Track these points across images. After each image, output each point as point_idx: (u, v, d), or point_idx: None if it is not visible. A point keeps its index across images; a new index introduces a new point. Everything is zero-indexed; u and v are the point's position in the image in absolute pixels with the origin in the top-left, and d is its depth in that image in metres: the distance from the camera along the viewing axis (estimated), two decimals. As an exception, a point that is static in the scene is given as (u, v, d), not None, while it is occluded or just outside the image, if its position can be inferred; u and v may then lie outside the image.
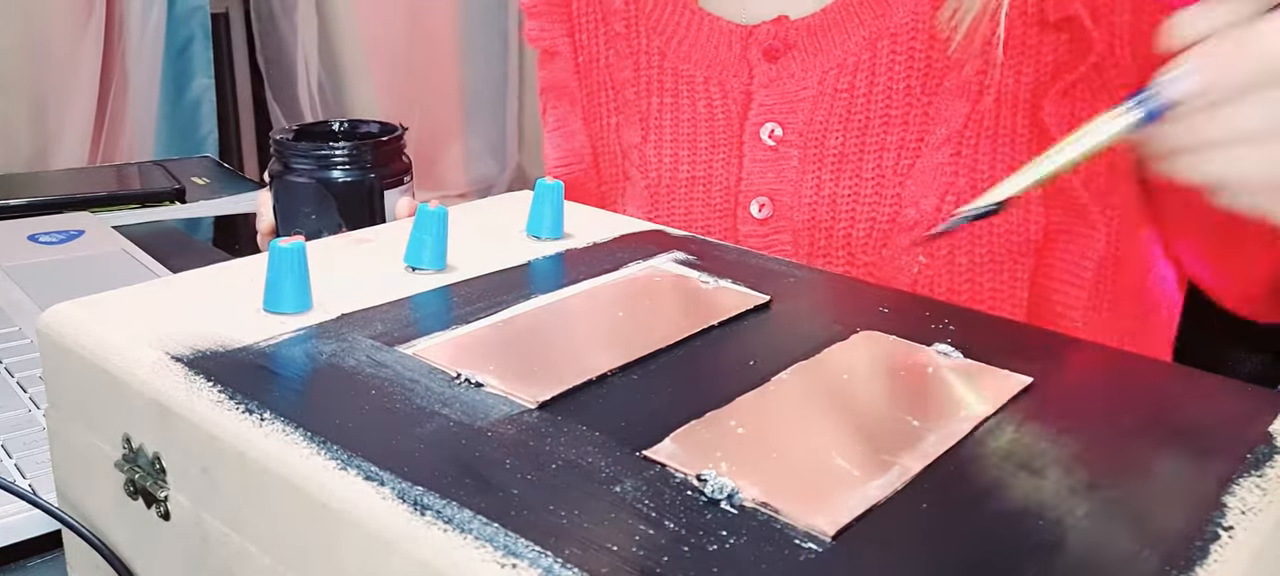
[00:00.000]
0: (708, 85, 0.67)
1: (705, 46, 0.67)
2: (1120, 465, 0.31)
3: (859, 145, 0.63)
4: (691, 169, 0.68)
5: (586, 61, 0.74)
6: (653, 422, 0.33)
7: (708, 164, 0.68)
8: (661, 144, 0.69)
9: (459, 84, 2.55)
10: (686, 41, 0.68)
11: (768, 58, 0.65)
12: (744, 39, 0.66)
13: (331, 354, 0.37)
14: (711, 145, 0.67)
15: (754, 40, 0.65)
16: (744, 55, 0.66)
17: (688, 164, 0.69)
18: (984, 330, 0.41)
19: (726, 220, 0.67)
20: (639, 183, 0.71)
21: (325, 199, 0.65)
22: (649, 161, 0.70)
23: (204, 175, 1.24)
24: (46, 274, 0.88)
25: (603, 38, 0.73)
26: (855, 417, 0.34)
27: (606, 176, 0.74)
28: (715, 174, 0.67)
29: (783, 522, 0.28)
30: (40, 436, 0.59)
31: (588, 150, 0.74)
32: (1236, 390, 0.37)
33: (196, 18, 1.99)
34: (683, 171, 0.69)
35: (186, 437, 0.35)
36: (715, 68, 0.67)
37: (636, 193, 0.71)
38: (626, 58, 0.71)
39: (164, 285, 0.45)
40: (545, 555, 0.26)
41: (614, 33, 0.72)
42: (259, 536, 0.33)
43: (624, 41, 0.71)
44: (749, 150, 0.65)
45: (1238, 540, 0.28)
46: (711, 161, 0.68)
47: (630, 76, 0.71)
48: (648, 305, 0.43)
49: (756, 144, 0.65)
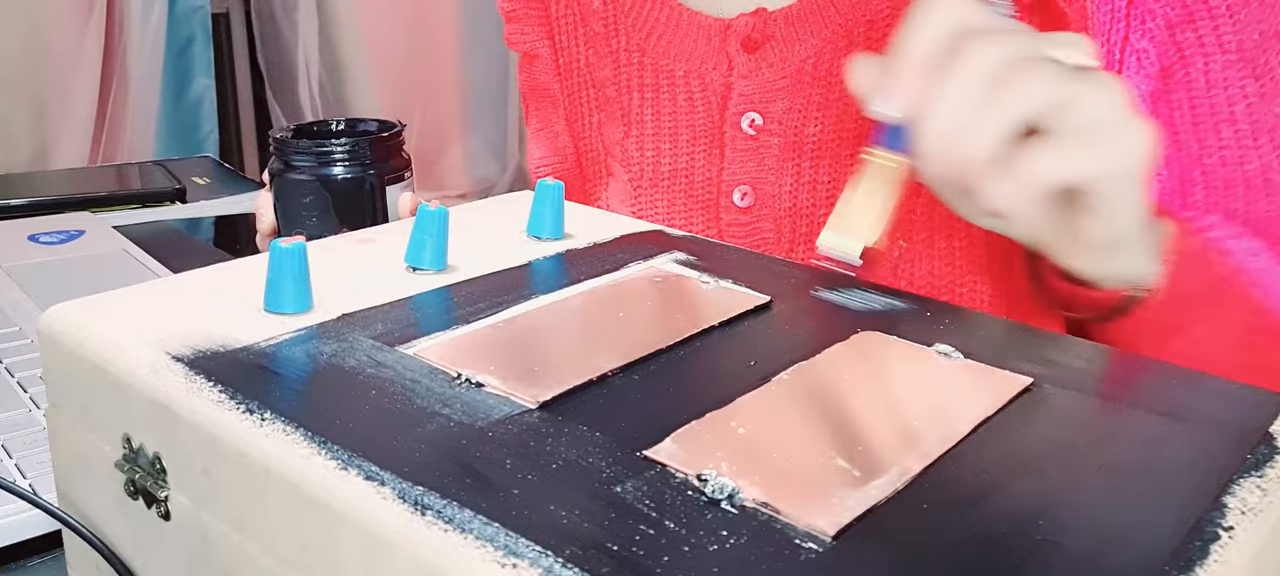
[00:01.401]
0: (688, 78, 0.68)
1: (684, 41, 0.68)
2: (1120, 465, 0.31)
3: (837, 132, 0.63)
4: (674, 161, 0.69)
5: (567, 62, 0.74)
6: (653, 423, 0.33)
7: (690, 155, 0.68)
8: (644, 138, 0.70)
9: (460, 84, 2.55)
10: (666, 37, 0.68)
11: (746, 49, 0.65)
12: (722, 32, 0.66)
13: (332, 354, 0.37)
14: (692, 137, 0.68)
15: (732, 32, 0.66)
16: (723, 48, 0.66)
17: (670, 156, 0.69)
18: (984, 330, 0.41)
19: (709, 210, 0.67)
20: (622, 177, 0.71)
21: (325, 196, 0.65)
22: (631, 156, 0.70)
23: (204, 175, 1.24)
24: (47, 274, 0.88)
25: (582, 38, 0.73)
26: (855, 418, 0.34)
27: (589, 173, 0.74)
28: (697, 165, 0.68)
29: (783, 522, 0.28)
30: (40, 436, 0.59)
31: (570, 149, 0.75)
32: (1236, 390, 0.37)
33: (197, 17, 1.99)
34: (665, 164, 0.69)
35: (187, 438, 0.35)
36: (695, 61, 0.67)
37: (619, 187, 0.72)
38: (606, 56, 0.71)
39: (164, 285, 0.45)
40: (545, 555, 0.26)
41: (593, 32, 0.72)
42: (259, 536, 0.33)
43: (603, 40, 0.72)
44: (730, 140, 0.66)
45: (1238, 540, 0.28)
46: (693, 153, 0.68)
47: (610, 74, 0.71)
48: (648, 305, 0.43)
49: (737, 134, 0.66)
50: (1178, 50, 0.58)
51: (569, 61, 0.74)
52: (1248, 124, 0.58)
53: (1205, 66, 0.57)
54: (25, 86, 1.82)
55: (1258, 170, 0.58)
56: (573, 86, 0.74)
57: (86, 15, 1.85)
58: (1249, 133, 0.58)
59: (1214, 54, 0.57)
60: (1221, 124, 0.58)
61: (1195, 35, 0.57)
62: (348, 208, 0.65)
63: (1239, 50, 0.57)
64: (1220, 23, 0.57)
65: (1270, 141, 0.58)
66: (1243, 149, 0.58)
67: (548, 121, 0.76)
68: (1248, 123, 0.58)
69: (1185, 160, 0.59)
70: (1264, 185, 0.58)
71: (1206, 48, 0.57)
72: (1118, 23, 0.58)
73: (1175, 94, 0.58)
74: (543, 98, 0.76)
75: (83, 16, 1.85)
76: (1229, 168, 0.58)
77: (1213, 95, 0.58)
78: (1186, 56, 0.58)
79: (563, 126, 0.75)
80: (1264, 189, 0.58)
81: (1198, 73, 0.58)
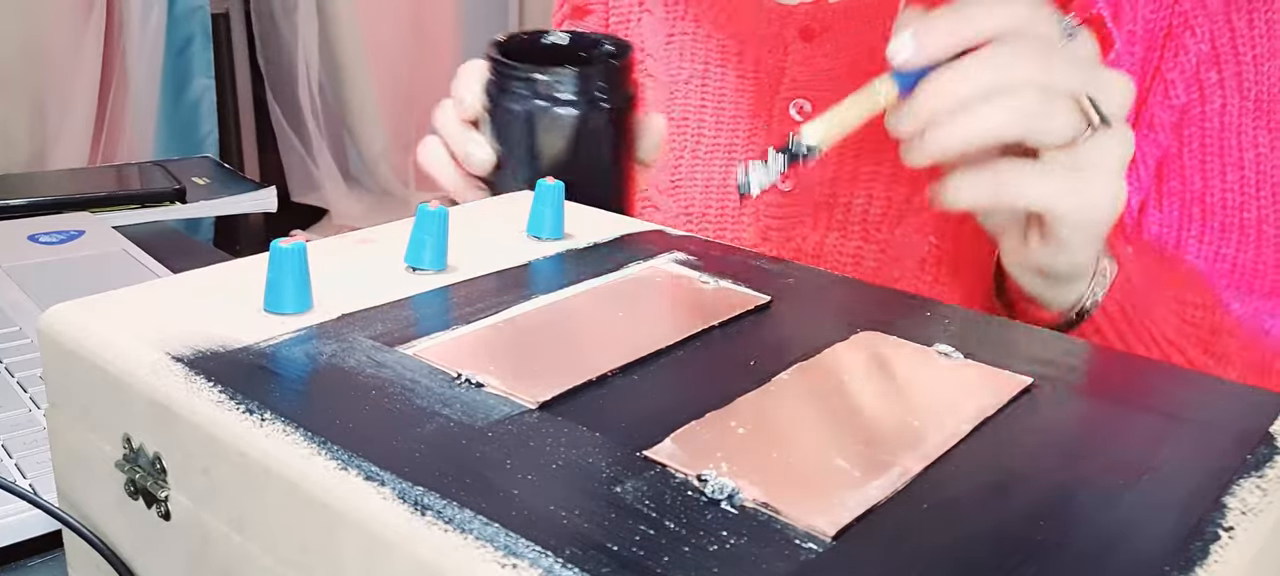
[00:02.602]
0: (742, 57, 0.68)
1: (743, 20, 0.68)
2: (1120, 465, 0.31)
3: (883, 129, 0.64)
4: (716, 136, 0.69)
5: (618, 22, 0.74)
6: (653, 423, 0.33)
7: (733, 132, 0.68)
8: (688, 110, 0.70)
9: (459, 84, 2.55)
10: (724, 11, 0.68)
11: (803, 37, 0.66)
12: (782, 16, 0.66)
13: (332, 354, 0.37)
14: (737, 115, 0.68)
15: (792, 19, 0.66)
16: (780, 32, 0.66)
17: (713, 131, 0.69)
18: (984, 330, 0.41)
19: None
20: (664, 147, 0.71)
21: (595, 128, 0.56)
22: (675, 126, 0.70)
23: (204, 175, 1.24)
24: (46, 274, 0.88)
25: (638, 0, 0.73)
26: (855, 418, 0.34)
27: None
28: (739, 144, 0.68)
29: (783, 523, 0.28)
30: (40, 436, 0.59)
31: None
32: (1236, 390, 0.37)
33: (196, 18, 1.99)
34: (707, 138, 0.69)
35: (187, 438, 0.35)
36: (750, 41, 0.67)
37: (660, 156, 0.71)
38: (661, 22, 0.71)
39: (164, 285, 0.45)
40: (545, 555, 0.26)
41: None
42: (260, 536, 0.33)
43: (660, 5, 0.71)
44: (776, 123, 0.66)
45: (1238, 540, 0.28)
46: (736, 131, 0.68)
47: (662, 40, 0.71)
48: (648, 305, 0.43)
49: (784, 118, 0.66)
50: (1199, 87, 0.58)
51: (620, 21, 0.74)
52: (1253, 172, 0.58)
53: (1222, 107, 0.58)
54: (25, 86, 1.82)
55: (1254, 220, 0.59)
56: None
57: (86, 15, 1.85)
58: (1253, 182, 0.59)
59: (1233, 97, 0.58)
60: (1228, 167, 0.59)
61: (1218, 76, 0.58)
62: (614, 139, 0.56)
63: (1257, 100, 0.58)
64: (1244, 68, 0.58)
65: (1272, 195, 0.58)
66: (1244, 195, 0.59)
67: None
68: (1254, 171, 0.58)
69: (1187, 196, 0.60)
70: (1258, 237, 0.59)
71: (1226, 90, 0.58)
72: (1153, 51, 0.58)
73: (1188, 129, 0.59)
74: None
75: (82, 16, 1.85)
76: (1228, 211, 0.59)
77: (1224, 137, 0.58)
78: (1206, 94, 0.58)
79: None
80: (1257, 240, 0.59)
81: (1213, 112, 0.58)
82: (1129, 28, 0.58)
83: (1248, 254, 0.59)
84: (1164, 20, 0.58)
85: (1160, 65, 0.58)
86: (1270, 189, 0.58)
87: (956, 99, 0.44)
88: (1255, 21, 0.57)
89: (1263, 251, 0.59)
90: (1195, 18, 0.57)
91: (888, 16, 0.64)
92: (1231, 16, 0.57)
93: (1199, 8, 0.57)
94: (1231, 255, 0.59)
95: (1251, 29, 0.57)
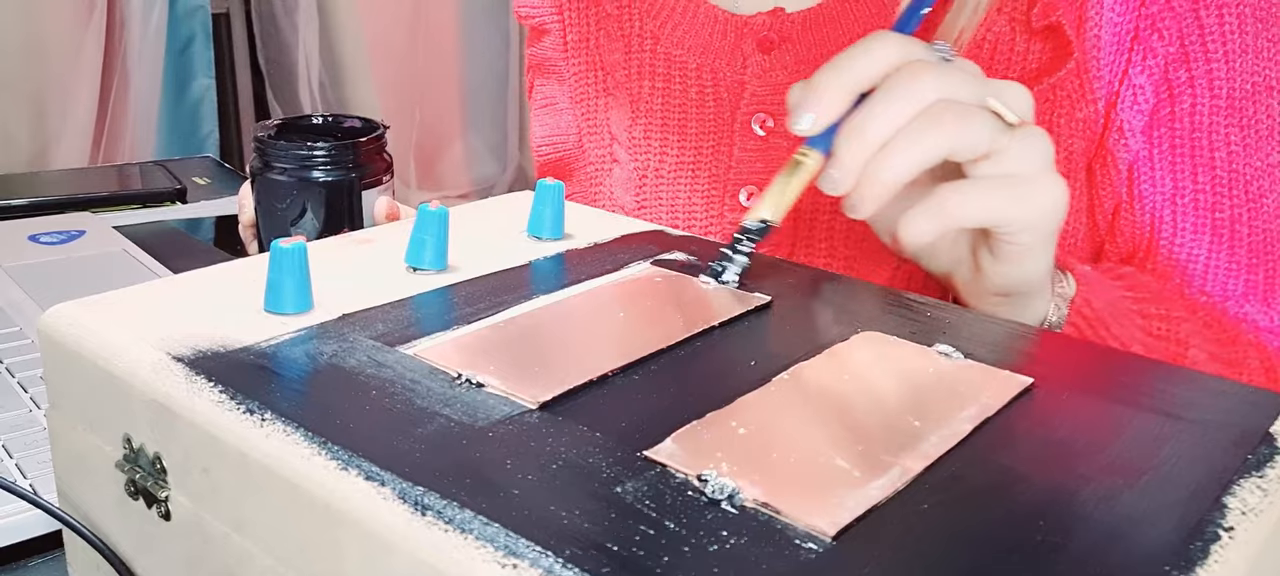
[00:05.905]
0: (700, 73, 0.67)
1: (699, 34, 0.67)
2: (1120, 465, 0.31)
3: None
4: (680, 155, 0.69)
5: (576, 40, 0.73)
6: (653, 423, 0.33)
7: (697, 150, 0.68)
8: (651, 129, 0.69)
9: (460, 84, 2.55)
10: (680, 27, 0.68)
11: (761, 49, 0.65)
12: (739, 29, 0.66)
13: (332, 354, 0.37)
14: (701, 132, 0.68)
15: (749, 31, 0.65)
16: (738, 45, 0.66)
17: (676, 149, 0.69)
18: (984, 330, 0.41)
19: (714, 207, 0.67)
20: (627, 166, 0.70)
21: (302, 198, 0.66)
22: (638, 145, 0.70)
23: (205, 175, 1.24)
24: (47, 274, 0.88)
25: (594, 18, 0.72)
26: (855, 418, 0.34)
27: (594, 158, 0.73)
28: (704, 161, 0.68)
29: (783, 523, 0.28)
30: (41, 436, 0.59)
31: (574, 129, 0.74)
32: (1236, 390, 0.37)
33: (197, 17, 1.99)
34: (671, 157, 0.69)
35: (187, 438, 0.35)
36: (708, 55, 0.67)
37: (624, 175, 0.71)
38: (618, 39, 0.71)
39: (165, 285, 0.45)
40: (545, 555, 0.26)
41: (606, 14, 0.71)
42: (260, 536, 0.33)
43: (616, 23, 0.71)
44: (739, 139, 0.65)
45: (1238, 540, 0.28)
46: (700, 148, 0.68)
47: (621, 59, 0.71)
48: (648, 306, 0.44)
49: (747, 134, 0.65)
50: (1169, 88, 0.58)
51: (578, 40, 0.73)
52: (1226, 172, 0.58)
53: (1192, 108, 0.58)
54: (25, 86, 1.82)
55: (1227, 220, 0.58)
56: (580, 66, 0.73)
57: (86, 15, 1.85)
58: (1226, 181, 0.58)
59: (1203, 96, 0.57)
60: (1199, 167, 0.58)
61: (1188, 75, 0.57)
62: (323, 210, 0.66)
63: (1229, 97, 0.57)
64: (1214, 66, 0.57)
65: (1244, 193, 0.58)
66: (1217, 195, 0.58)
67: (552, 98, 0.75)
68: (1226, 171, 0.58)
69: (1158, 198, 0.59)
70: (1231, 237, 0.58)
71: (1196, 90, 0.57)
72: (1120, 56, 0.58)
73: (1158, 130, 0.58)
74: (549, 74, 0.75)
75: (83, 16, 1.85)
76: (1200, 213, 0.59)
77: (1196, 137, 0.58)
78: (1176, 95, 0.58)
79: (568, 104, 0.74)
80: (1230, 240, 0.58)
81: (1183, 113, 0.58)
82: (1094, 34, 0.57)
83: (1220, 255, 0.59)
84: (1130, 23, 0.57)
85: (1127, 69, 0.58)
86: (1243, 188, 0.58)
87: (877, 138, 0.44)
88: (1226, 17, 0.56)
89: (1236, 251, 0.59)
90: (1162, 20, 0.57)
91: (847, 25, 0.63)
92: (1200, 14, 0.56)
93: (1166, 9, 0.57)
94: (1204, 256, 0.59)
95: (1222, 25, 0.57)
